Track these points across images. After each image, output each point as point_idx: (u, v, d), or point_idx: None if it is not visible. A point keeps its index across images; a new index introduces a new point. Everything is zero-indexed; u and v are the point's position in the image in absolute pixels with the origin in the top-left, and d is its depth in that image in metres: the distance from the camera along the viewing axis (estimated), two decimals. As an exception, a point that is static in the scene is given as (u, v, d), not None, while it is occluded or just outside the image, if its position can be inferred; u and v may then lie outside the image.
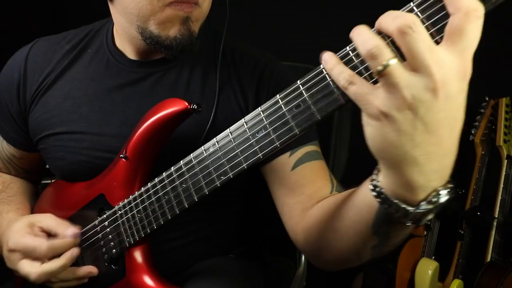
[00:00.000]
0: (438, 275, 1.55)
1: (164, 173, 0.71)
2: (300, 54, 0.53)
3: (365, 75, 0.48)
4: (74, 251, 0.79)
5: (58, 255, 0.78)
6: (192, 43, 0.79)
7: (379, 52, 0.43)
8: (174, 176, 0.69)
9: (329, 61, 0.48)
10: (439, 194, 0.47)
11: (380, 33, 0.45)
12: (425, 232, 1.62)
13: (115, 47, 0.90)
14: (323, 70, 0.51)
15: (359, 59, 0.48)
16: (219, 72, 0.84)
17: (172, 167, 0.70)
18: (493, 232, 1.51)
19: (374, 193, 0.50)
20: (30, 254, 0.77)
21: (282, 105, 0.55)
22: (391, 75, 0.42)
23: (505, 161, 1.54)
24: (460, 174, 1.70)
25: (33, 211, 0.96)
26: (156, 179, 0.73)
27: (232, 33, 0.88)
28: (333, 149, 1.31)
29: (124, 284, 0.80)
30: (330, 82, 0.51)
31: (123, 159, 0.78)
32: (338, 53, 0.50)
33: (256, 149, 0.59)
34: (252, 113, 0.59)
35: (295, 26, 1.84)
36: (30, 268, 0.77)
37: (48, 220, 0.81)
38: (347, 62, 0.49)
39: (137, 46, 0.85)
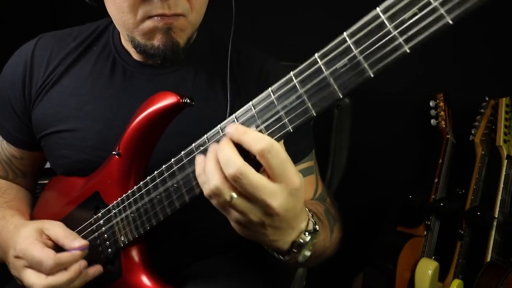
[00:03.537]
0: (438, 275, 1.55)
1: (155, 172, 0.69)
2: (299, 54, 0.53)
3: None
4: (82, 264, 0.76)
5: (65, 268, 0.76)
6: (175, 53, 0.80)
7: (219, 192, 0.53)
8: (165, 175, 0.67)
9: (198, 167, 0.57)
10: (300, 243, 0.59)
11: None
12: (425, 232, 1.62)
13: (122, 46, 0.90)
14: (317, 60, 0.50)
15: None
16: (229, 82, 0.84)
17: (163, 166, 0.67)
18: (493, 232, 1.51)
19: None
20: (36, 266, 0.75)
21: (274, 100, 0.53)
22: (236, 207, 0.53)
23: (505, 161, 1.54)
24: (460, 174, 1.70)
25: (34, 210, 0.96)
26: (148, 178, 0.71)
27: (234, 33, 0.88)
28: (333, 149, 1.31)
29: (121, 284, 0.79)
30: (327, 75, 0.49)
31: (116, 156, 0.76)
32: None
33: None
34: (243, 108, 0.57)
35: (294, 26, 1.85)
36: (35, 279, 0.75)
37: (57, 229, 0.79)
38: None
39: None
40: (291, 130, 0.53)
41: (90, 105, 0.87)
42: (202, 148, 0.61)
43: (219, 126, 0.60)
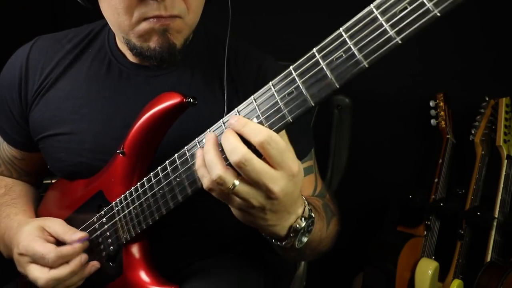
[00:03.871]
0: (438, 275, 1.55)
1: (158, 168, 0.71)
2: (297, 54, 0.53)
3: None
4: (83, 257, 0.79)
5: (66, 262, 0.78)
6: (172, 54, 0.79)
7: (222, 180, 0.55)
8: (168, 170, 0.69)
9: (197, 160, 0.60)
10: (296, 228, 0.63)
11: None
12: (425, 232, 1.62)
13: (117, 48, 0.90)
14: (315, 54, 0.52)
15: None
16: (226, 81, 0.83)
17: (166, 161, 0.69)
18: (493, 232, 1.51)
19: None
20: (39, 261, 0.78)
21: (274, 92, 0.56)
22: (239, 193, 0.56)
23: (505, 161, 1.54)
24: (460, 174, 1.70)
25: (38, 211, 0.96)
26: (151, 173, 0.72)
27: (230, 33, 0.88)
28: (333, 149, 1.31)
29: (121, 281, 0.80)
30: (324, 66, 0.51)
31: (120, 155, 0.77)
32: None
33: None
34: (245, 102, 0.59)
35: (292, 26, 1.85)
36: (39, 273, 0.78)
37: (57, 225, 0.82)
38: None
39: None
40: (291, 121, 0.55)
41: (86, 108, 0.87)
42: (193, 151, 0.64)
43: (221, 120, 0.62)
